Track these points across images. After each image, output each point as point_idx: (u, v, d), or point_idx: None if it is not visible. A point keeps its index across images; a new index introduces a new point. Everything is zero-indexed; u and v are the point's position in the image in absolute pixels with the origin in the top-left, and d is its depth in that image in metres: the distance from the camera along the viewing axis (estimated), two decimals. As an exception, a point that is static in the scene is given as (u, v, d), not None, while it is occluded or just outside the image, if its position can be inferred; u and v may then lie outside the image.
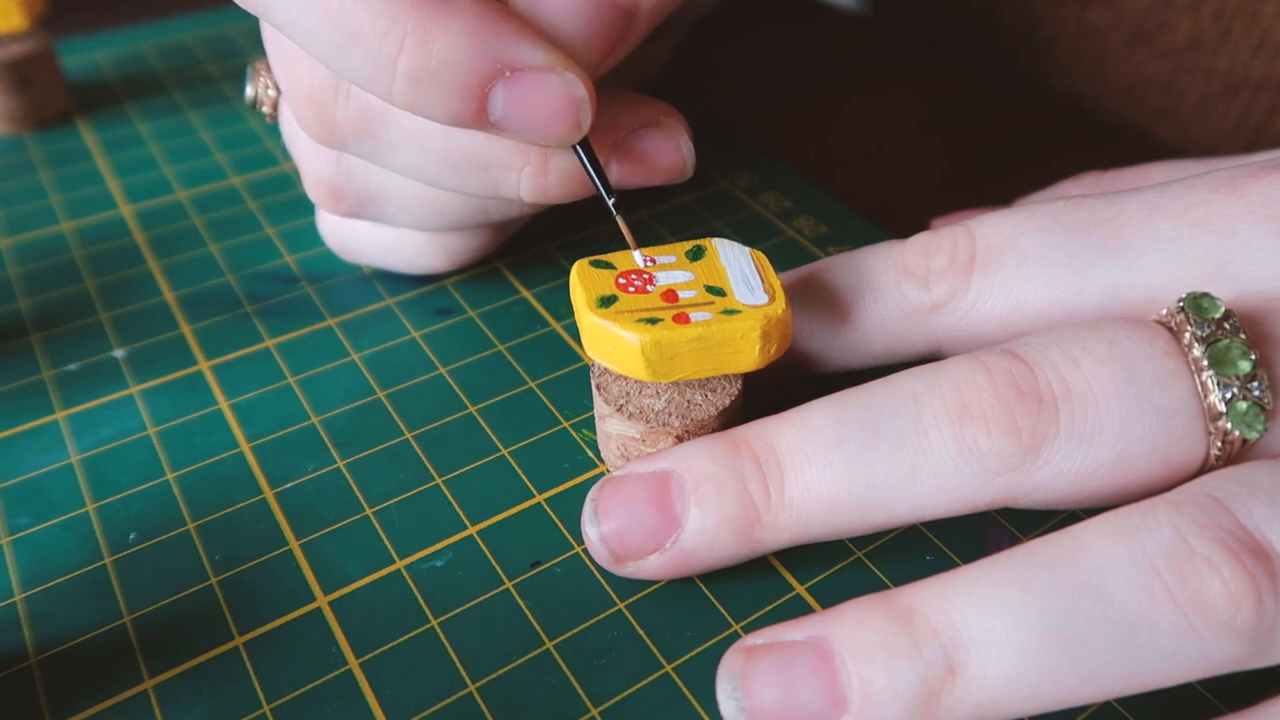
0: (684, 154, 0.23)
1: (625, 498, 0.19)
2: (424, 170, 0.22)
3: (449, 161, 0.21)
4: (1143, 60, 0.35)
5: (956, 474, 0.18)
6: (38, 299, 0.27)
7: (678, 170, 0.23)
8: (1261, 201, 0.19)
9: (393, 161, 0.22)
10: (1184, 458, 0.18)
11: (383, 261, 0.27)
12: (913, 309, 0.21)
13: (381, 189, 0.24)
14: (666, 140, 0.22)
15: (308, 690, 0.18)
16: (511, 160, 0.21)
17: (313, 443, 0.23)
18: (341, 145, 0.22)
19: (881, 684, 0.15)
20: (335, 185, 0.24)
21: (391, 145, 0.22)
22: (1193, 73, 0.34)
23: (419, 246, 0.26)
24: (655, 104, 0.23)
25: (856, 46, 0.41)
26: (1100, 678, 0.15)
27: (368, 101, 0.21)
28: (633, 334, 0.19)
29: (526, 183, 0.22)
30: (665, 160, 0.23)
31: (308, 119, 0.22)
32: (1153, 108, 0.37)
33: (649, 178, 0.23)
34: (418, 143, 0.21)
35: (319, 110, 0.22)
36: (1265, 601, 0.15)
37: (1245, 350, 0.17)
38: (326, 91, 0.21)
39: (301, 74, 0.22)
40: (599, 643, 0.19)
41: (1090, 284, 0.20)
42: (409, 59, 0.18)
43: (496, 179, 0.22)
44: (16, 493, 0.22)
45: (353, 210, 0.24)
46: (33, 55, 0.33)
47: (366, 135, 0.22)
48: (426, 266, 0.26)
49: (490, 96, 0.19)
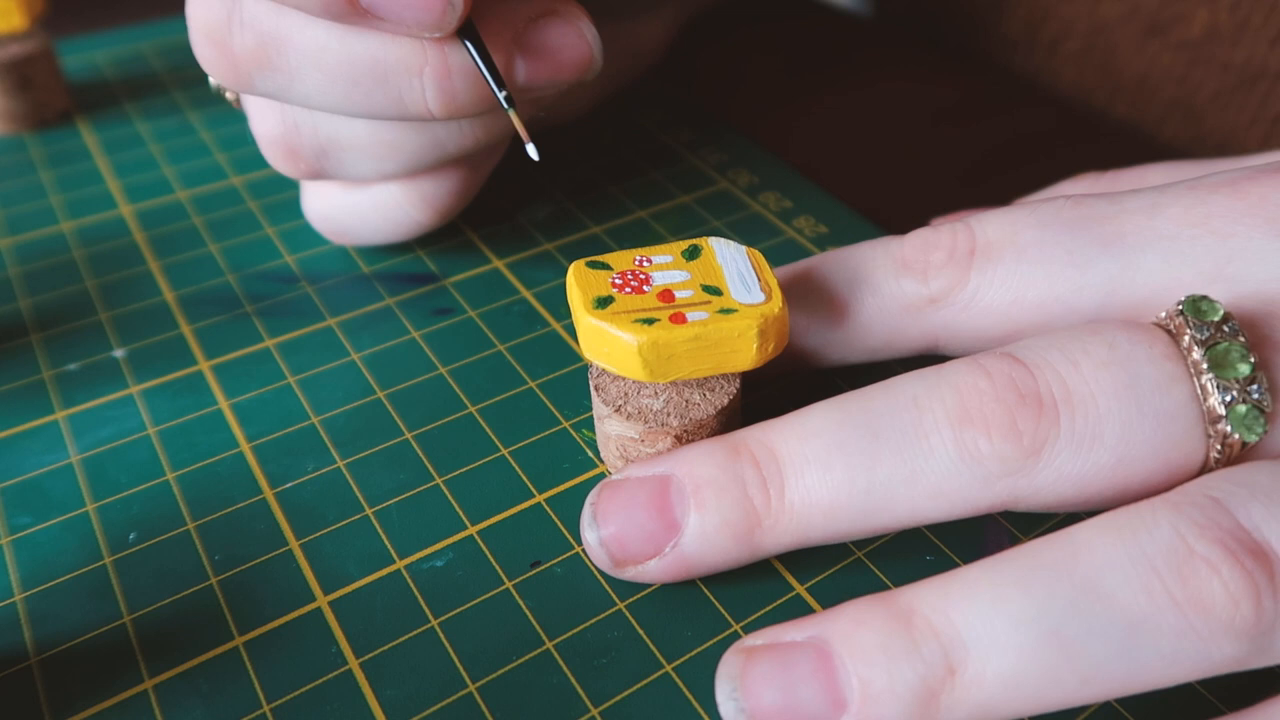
0: (589, 41, 0.22)
1: (625, 502, 0.19)
2: (330, 94, 0.21)
3: (349, 78, 0.21)
4: (1157, 54, 0.35)
5: (957, 478, 0.18)
6: (38, 299, 0.27)
7: (585, 61, 0.22)
8: (1262, 203, 0.19)
9: (300, 91, 0.22)
10: (1184, 460, 0.18)
11: (368, 232, 0.26)
12: (911, 303, 0.21)
13: (330, 136, 0.23)
14: (569, 27, 0.21)
15: (308, 690, 0.18)
16: (409, 63, 0.21)
17: (313, 443, 0.23)
18: (248, 82, 0.22)
19: (881, 684, 0.15)
20: (287, 143, 0.24)
21: (293, 72, 0.21)
22: (1209, 65, 0.34)
23: (398, 200, 0.25)
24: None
25: (857, 46, 0.41)
26: (1100, 678, 0.15)
27: (262, 26, 0.21)
28: (630, 334, 0.19)
29: (431, 90, 0.21)
30: (571, 51, 0.21)
31: (210, 57, 0.22)
32: (1166, 101, 0.36)
33: (557, 73, 0.22)
34: (315, 64, 0.21)
35: (218, 44, 0.21)
36: (1264, 602, 0.15)
37: (1244, 353, 0.17)
38: (220, 23, 0.21)
39: (196, 9, 0.21)
40: (599, 643, 0.19)
41: (1089, 281, 0.20)
42: None
43: (401, 90, 0.21)
44: (16, 493, 0.22)
45: (312, 167, 0.24)
46: (33, 55, 0.33)
47: (268, 65, 0.21)
48: (411, 223, 0.26)
49: None
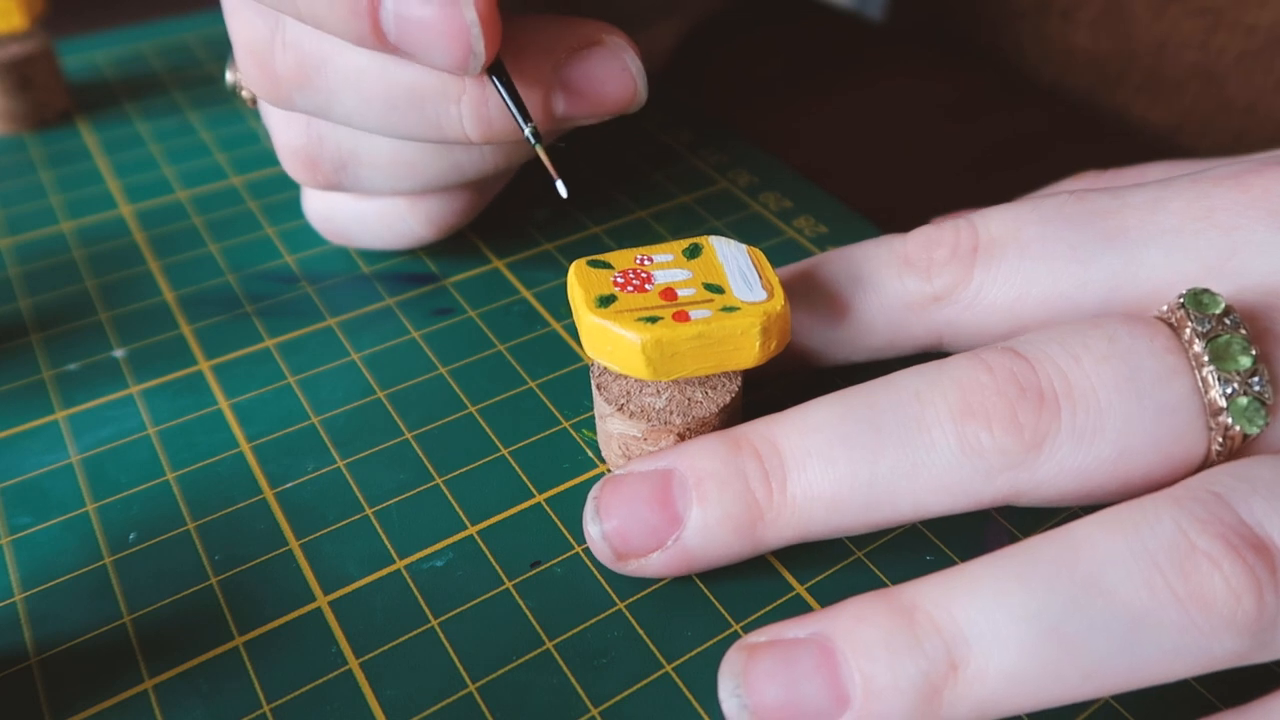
0: (634, 75, 0.20)
1: (627, 495, 0.19)
2: (368, 115, 0.21)
3: (387, 101, 0.21)
4: (1177, 19, 0.35)
5: (959, 471, 0.18)
6: (38, 299, 0.27)
7: (629, 96, 0.20)
8: (1265, 196, 0.19)
9: (338, 110, 0.22)
10: (1185, 453, 0.18)
11: (368, 238, 0.26)
12: (914, 300, 0.21)
13: (352, 151, 0.23)
14: (612, 61, 0.20)
15: (308, 690, 0.18)
16: (447, 90, 0.20)
17: (313, 443, 0.23)
18: (288, 100, 0.22)
19: (884, 680, 0.15)
20: (308, 154, 0.24)
21: (333, 93, 0.21)
22: (1232, 29, 0.34)
23: (402, 213, 0.25)
24: (592, 23, 0.20)
25: (856, 46, 0.41)
26: (1102, 673, 0.15)
27: (304, 48, 0.21)
28: (633, 333, 0.19)
29: (468, 116, 0.20)
30: (614, 84, 0.20)
31: (252, 74, 0.22)
32: (1186, 67, 0.36)
33: (598, 106, 0.21)
34: (355, 86, 0.21)
35: (260, 62, 0.21)
36: (1266, 596, 0.15)
37: (1245, 346, 0.17)
38: (263, 42, 0.21)
39: (240, 27, 0.22)
40: (599, 643, 0.19)
41: (1093, 276, 0.20)
42: None
43: (438, 115, 0.21)
44: (16, 493, 0.22)
45: (329, 180, 0.24)
46: (33, 55, 0.33)
47: (308, 85, 0.21)
48: (411, 235, 0.26)
49: (380, 14, 0.18)
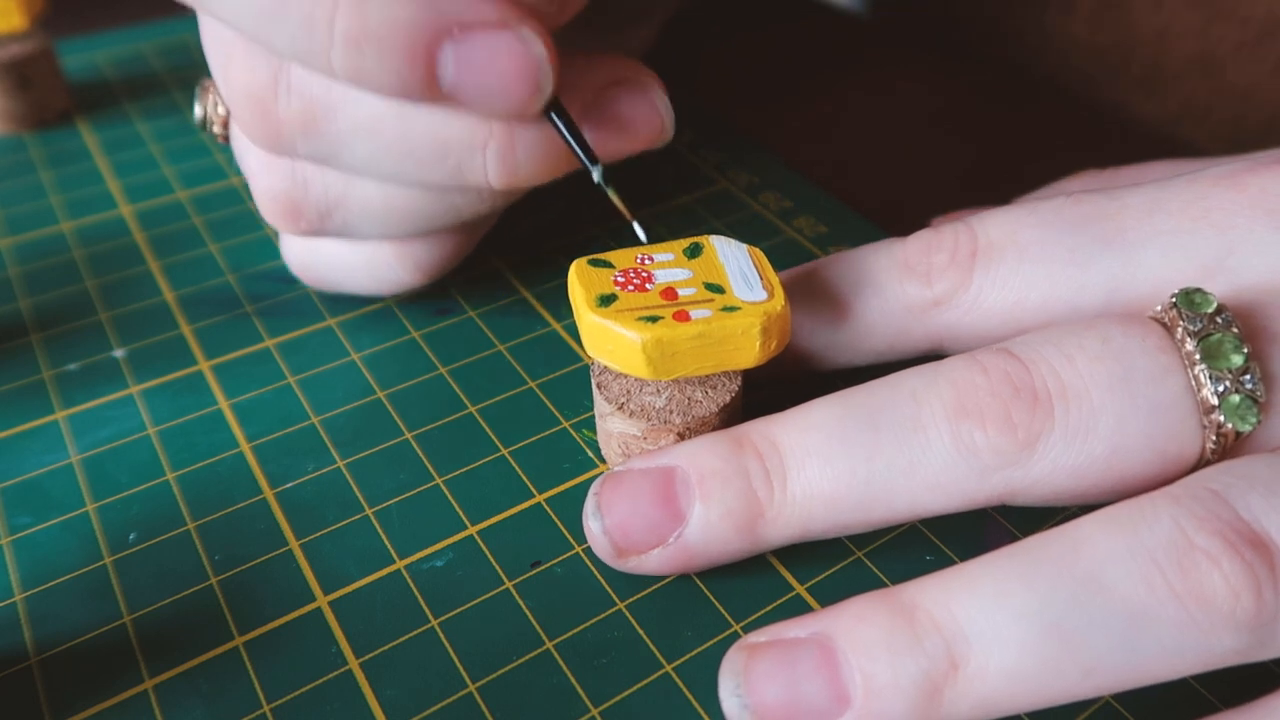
0: (662, 112, 0.20)
1: (629, 491, 0.19)
2: (381, 165, 0.20)
3: (406, 150, 0.19)
4: (1176, 9, 0.35)
5: (954, 470, 0.18)
6: (38, 299, 0.27)
7: (657, 132, 0.21)
8: (1262, 195, 0.19)
9: (346, 159, 0.20)
10: (1179, 452, 0.18)
11: (351, 285, 0.25)
12: (914, 305, 0.21)
13: (341, 197, 0.22)
14: (641, 98, 0.20)
15: (308, 690, 0.18)
16: (473, 138, 0.19)
17: (313, 443, 0.23)
18: (290, 148, 0.20)
19: (884, 679, 0.15)
20: (292, 200, 0.22)
21: (342, 141, 0.20)
22: (1229, 19, 0.34)
23: (388, 260, 0.24)
24: (622, 60, 0.20)
25: (857, 46, 0.41)
26: (1102, 671, 0.15)
27: (311, 94, 0.19)
28: (634, 332, 0.19)
29: (494, 163, 0.19)
30: (643, 122, 0.20)
31: (251, 122, 0.20)
32: (1185, 56, 0.36)
33: (627, 144, 0.20)
34: (370, 133, 0.19)
35: (261, 110, 0.20)
36: (1264, 594, 0.15)
37: (1237, 344, 0.17)
38: (266, 87, 0.19)
39: (238, 73, 0.20)
40: (599, 643, 0.19)
41: (1091, 279, 0.20)
42: (346, 19, 0.16)
43: (460, 163, 0.19)
44: (16, 493, 0.22)
45: (313, 227, 0.22)
46: (33, 55, 0.33)
47: (314, 132, 0.20)
48: (398, 282, 0.24)
49: (439, 60, 0.17)
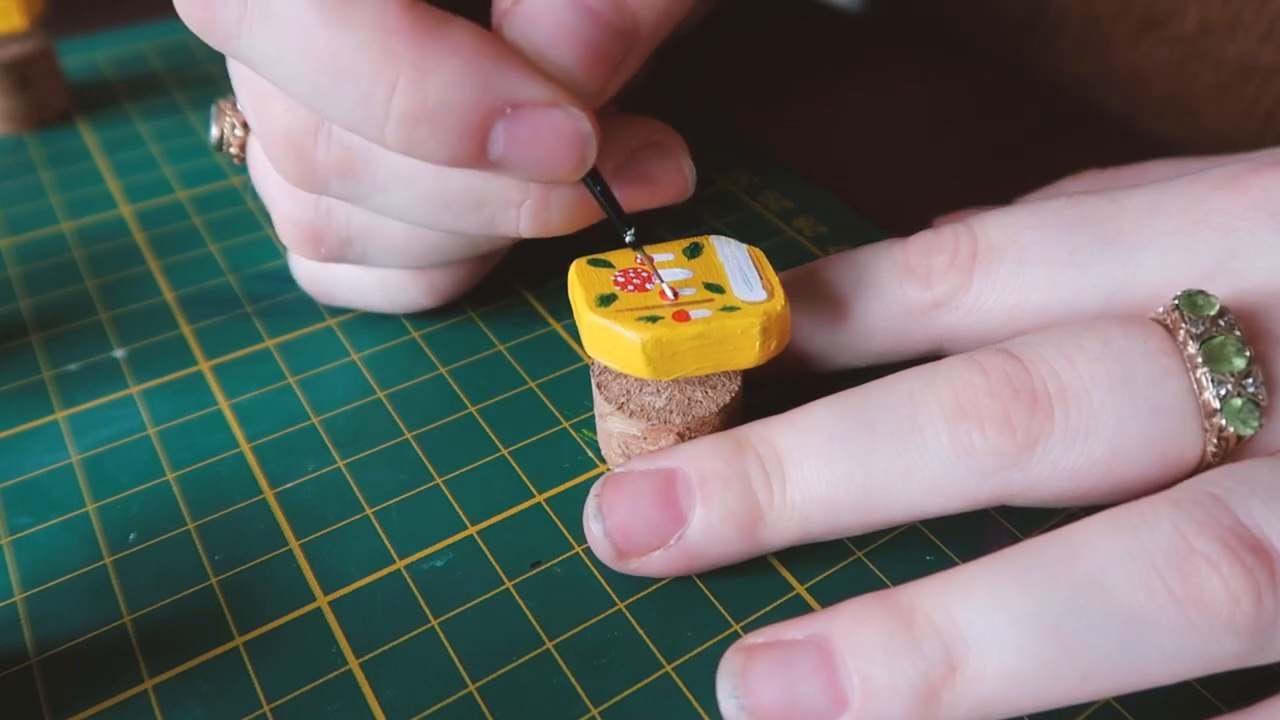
0: (686, 174, 0.22)
1: (630, 493, 0.19)
2: (415, 211, 0.20)
3: (442, 201, 0.20)
4: (1150, 49, 0.35)
5: (953, 472, 0.18)
6: (38, 299, 0.27)
7: (680, 191, 0.22)
8: (1263, 197, 0.19)
9: (379, 203, 0.20)
10: (1180, 454, 0.18)
11: (362, 304, 0.25)
12: (914, 307, 0.21)
13: (364, 230, 0.22)
14: (668, 160, 0.22)
15: (308, 690, 0.18)
16: (510, 196, 0.20)
17: (313, 443, 0.23)
18: (323, 188, 0.20)
19: (882, 681, 0.15)
20: (314, 229, 0.22)
21: (378, 187, 0.20)
22: (1203, 60, 0.34)
23: (404, 284, 0.24)
24: (652, 123, 0.22)
25: (857, 46, 0.41)
26: (1100, 674, 0.15)
27: (351, 142, 0.20)
28: (633, 332, 0.19)
29: (527, 218, 0.20)
30: (667, 183, 0.22)
31: (285, 162, 0.20)
32: (1160, 96, 0.36)
33: (652, 200, 0.22)
34: (407, 183, 0.20)
35: (298, 153, 0.20)
36: (1264, 599, 0.15)
37: (1240, 347, 0.17)
38: (306, 133, 0.20)
39: (277, 114, 0.20)
40: (599, 643, 0.19)
41: (1091, 281, 0.20)
42: (404, 100, 0.17)
43: (494, 216, 0.20)
44: (16, 493, 0.22)
45: (333, 255, 0.23)
46: (33, 55, 0.33)
47: (351, 177, 0.20)
48: (411, 304, 0.25)
49: (490, 135, 0.17)
